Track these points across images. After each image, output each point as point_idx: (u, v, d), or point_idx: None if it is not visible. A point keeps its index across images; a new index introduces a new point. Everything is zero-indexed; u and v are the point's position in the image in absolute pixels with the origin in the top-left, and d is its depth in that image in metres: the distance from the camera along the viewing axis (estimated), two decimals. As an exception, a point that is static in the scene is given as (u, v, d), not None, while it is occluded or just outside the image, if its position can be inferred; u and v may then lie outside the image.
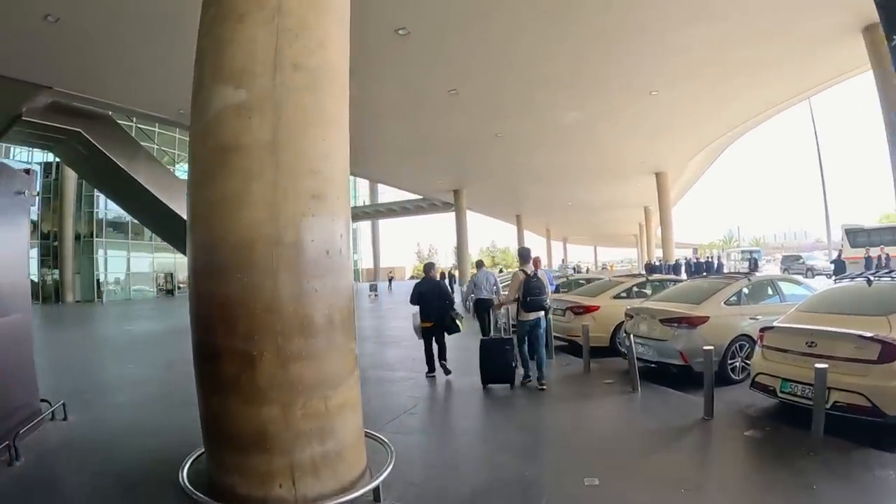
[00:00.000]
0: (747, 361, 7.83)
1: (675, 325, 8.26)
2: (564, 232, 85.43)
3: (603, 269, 70.13)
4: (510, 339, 8.22)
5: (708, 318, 8.14)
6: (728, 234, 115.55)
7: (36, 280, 41.23)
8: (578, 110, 22.00)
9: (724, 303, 8.51)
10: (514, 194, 44.90)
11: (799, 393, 5.73)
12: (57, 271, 42.39)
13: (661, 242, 44.39)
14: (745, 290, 8.86)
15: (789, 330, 6.23)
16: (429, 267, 9.84)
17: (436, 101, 20.60)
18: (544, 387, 7.81)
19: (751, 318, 8.28)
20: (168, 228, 32.70)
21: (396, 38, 15.08)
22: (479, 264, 13.63)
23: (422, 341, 8.95)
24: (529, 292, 7.75)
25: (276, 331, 4.04)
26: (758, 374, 6.41)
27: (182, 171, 45.06)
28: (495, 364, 7.90)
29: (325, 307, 4.24)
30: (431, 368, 8.90)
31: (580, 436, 6.12)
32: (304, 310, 4.13)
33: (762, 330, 6.59)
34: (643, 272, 26.40)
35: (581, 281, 16.30)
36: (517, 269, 8.64)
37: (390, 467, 4.47)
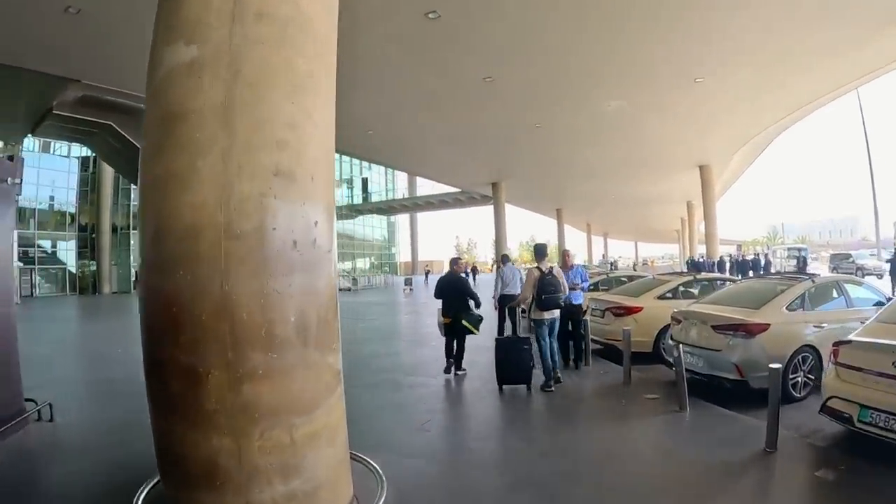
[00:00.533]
0: (810, 376, 6.97)
1: (731, 332, 7.14)
2: (605, 227, 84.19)
3: (644, 265, 68.87)
4: (527, 338, 7.81)
5: (768, 325, 7.02)
6: (772, 231, 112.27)
7: (74, 271, 41.72)
8: (621, 99, 21.01)
9: (787, 308, 7.38)
10: (554, 188, 44.20)
11: (882, 424, 4.70)
12: (94, 263, 42.63)
13: (703, 238, 43.24)
14: (809, 294, 7.68)
15: (871, 346, 5.13)
16: (454, 261, 9.46)
17: (471, 90, 19.87)
18: (552, 388, 7.53)
19: (815, 326, 7.26)
20: None
21: (427, 23, 14.31)
22: (505, 259, 13.37)
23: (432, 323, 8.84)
24: (544, 290, 7.44)
25: (226, 342, 3.19)
26: (830, 397, 5.32)
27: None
28: (512, 364, 7.54)
29: (291, 313, 3.37)
30: (450, 366, 8.66)
31: (615, 468, 5.07)
32: (262, 316, 3.25)
33: (836, 344, 5.47)
34: (685, 269, 25.13)
35: (623, 279, 15.05)
36: (532, 266, 8.17)
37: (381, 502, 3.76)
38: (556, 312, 7.72)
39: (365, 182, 70.23)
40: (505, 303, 11.69)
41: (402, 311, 20.89)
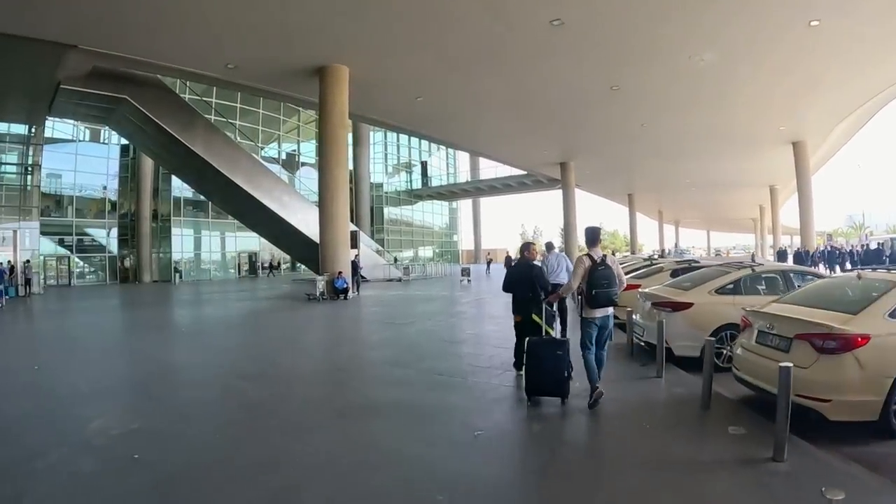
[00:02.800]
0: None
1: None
2: (677, 215, 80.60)
3: (717, 255, 64.06)
4: (564, 341, 6.50)
5: (868, 337, 5.06)
6: (852, 221, 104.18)
7: (113, 259, 41.02)
8: (715, 49, 17.91)
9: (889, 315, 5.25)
10: (627, 168, 41.72)
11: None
12: (135, 251, 41.11)
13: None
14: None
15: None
16: (525, 247, 7.93)
17: (536, 38, 17.05)
18: (598, 388, 6.15)
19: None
20: (233, 203, 30.04)
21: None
22: (549, 246, 12.70)
23: (501, 327, 8.24)
24: (595, 283, 6.13)
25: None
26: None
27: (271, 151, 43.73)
28: (544, 372, 6.29)
29: None
30: (520, 366, 7.19)
31: None
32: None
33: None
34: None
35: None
36: (582, 253, 6.65)
37: None
38: (609, 310, 6.36)
39: (424, 166, 67.70)
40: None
41: (452, 310, 16.73)
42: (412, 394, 6.86)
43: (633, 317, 8.90)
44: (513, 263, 8.81)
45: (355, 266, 21.76)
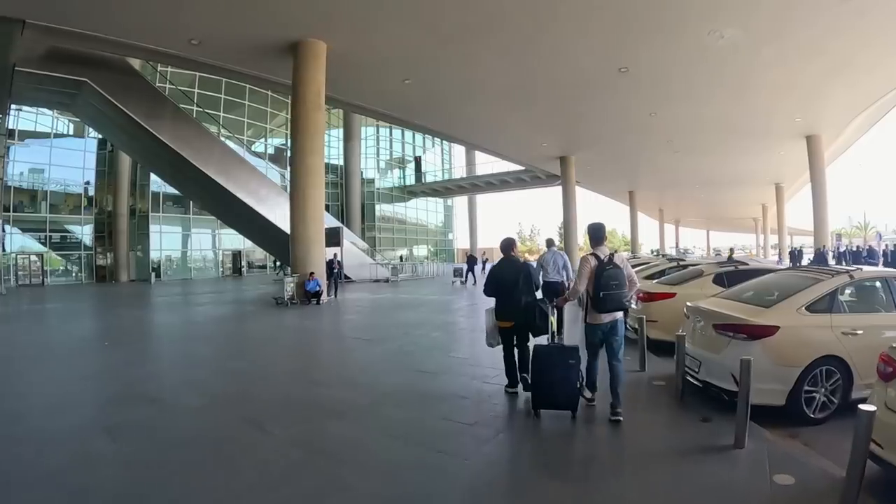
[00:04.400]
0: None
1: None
2: (677, 214, 79.33)
3: (717, 255, 63.07)
4: (575, 347, 5.76)
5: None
6: (851, 221, 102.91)
7: (89, 258, 38.89)
8: (738, 25, 16.13)
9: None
10: (630, 164, 40.26)
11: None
12: (112, 249, 39.14)
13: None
14: None
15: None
16: (507, 245, 6.99)
17: (537, 8, 15.28)
18: (619, 416, 5.47)
19: None
20: (208, 197, 28.14)
21: None
22: (550, 242, 12.29)
23: (494, 350, 6.84)
24: (603, 285, 5.50)
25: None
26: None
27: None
28: (554, 383, 5.58)
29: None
30: (514, 381, 6.56)
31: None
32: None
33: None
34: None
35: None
36: (586, 252, 6.08)
37: None
38: (619, 315, 5.73)
39: (418, 161, 65.46)
40: (546, 291, 10.37)
41: (437, 319, 13.96)
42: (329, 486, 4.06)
43: (686, 344, 6.34)
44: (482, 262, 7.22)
45: (331, 266, 19.69)
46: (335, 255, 21.58)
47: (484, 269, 40.00)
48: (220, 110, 38.92)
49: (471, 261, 29.82)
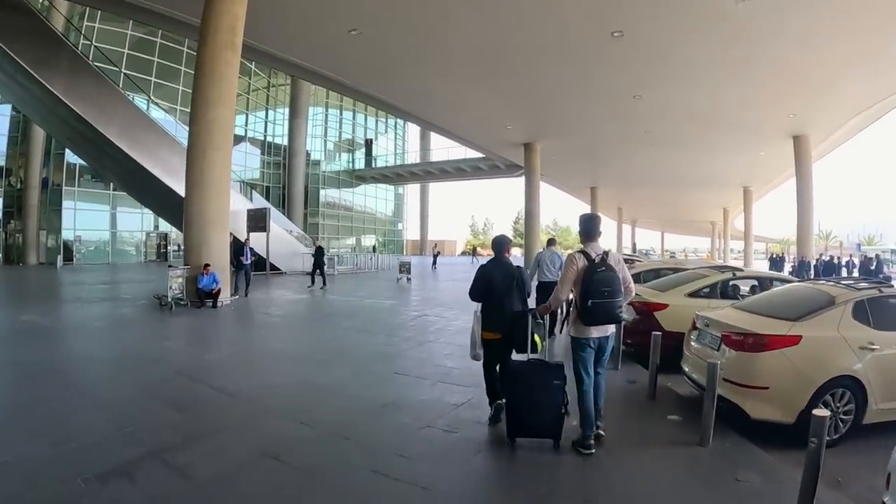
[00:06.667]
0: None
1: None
2: (635, 213, 78.59)
3: (672, 256, 65.26)
4: (560, 366, 4.98)
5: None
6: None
7: None
8: None
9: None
10: (598, 156, 37.96)
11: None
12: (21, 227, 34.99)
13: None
14: None
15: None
16: (501, 244, 5.88)
17: None
18: (600, 430, 4.98)
19: None
20: (112, 166, 23.98)
21: None
22: (551, 242, 11.51)
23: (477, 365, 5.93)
24: (593, 292, 4.72)
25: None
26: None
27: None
28: (534, 406, 4.86)
29: None
30: (498, 413, 5.56)
31: None
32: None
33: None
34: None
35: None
36: (574, 250, 5.24)
37: None
38: (611, 329, 4.97)
39: (369, 144, 62.00)
40: (541, 292, 9.52)
41: (370, 342, 9.32)
42: None
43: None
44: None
45: (238, 257, 16.10)
46: (245, 240, 18.14)
47: (435, 264, 37.02)
48: (151, 75, 35.50)
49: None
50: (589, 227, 5.09)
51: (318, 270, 19.24)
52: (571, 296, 5.29)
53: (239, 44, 14.12)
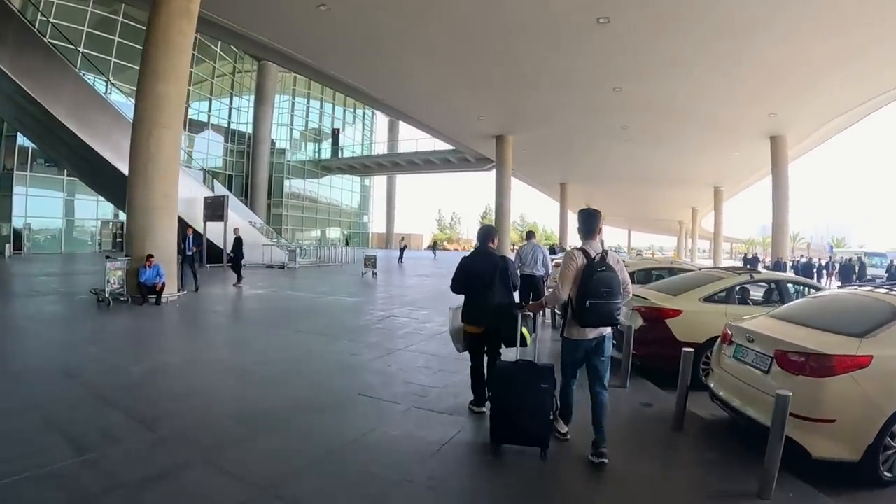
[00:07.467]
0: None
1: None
2: (602, 210, 75.98)
3: (638, 255, 64.36)
4: (549, 367, 4.80)
5: None
6: (766, 231, 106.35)
7: None
8: None
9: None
10: (569, 151, 37.51)
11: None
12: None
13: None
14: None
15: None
16: (486, 234, 5.78)
17: None
18: (604, 458, 4.47)
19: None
20: (61, 148, 22.58)
21: None
22: (530, 235, 11.71)
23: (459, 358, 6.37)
24: (591, 292, 4.50)
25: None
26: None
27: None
28: (521, 410, 4.60)
29: None
30: (480, 400, 5.62)
31: None
32: None
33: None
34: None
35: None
36: (571, 247, 5.40)
37: None
38: (607, 331, 4.75)
39: (336, 133, 60.94)
40: (525, 285, 9.88)
41: (330, 348, 8.34)
42: None
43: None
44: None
45: (182, 247, 15.02)
46: (190, 230, 16.82)
47: (401, 258, 36.03)
48: (111, 55, 33.66)
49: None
50: (589, 224, 4.84)
51: (236, 263, 18.03)
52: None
53: (195, 11, 12.88)
